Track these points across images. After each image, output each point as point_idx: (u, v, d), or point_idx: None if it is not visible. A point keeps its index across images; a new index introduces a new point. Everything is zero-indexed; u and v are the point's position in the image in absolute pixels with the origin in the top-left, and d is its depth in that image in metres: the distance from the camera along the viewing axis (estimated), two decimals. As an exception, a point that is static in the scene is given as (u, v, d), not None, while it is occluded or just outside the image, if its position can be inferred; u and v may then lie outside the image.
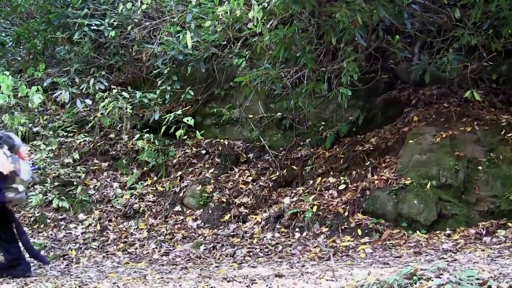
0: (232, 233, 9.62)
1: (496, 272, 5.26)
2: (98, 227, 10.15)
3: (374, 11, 8.72)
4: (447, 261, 6.99)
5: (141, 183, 11.15)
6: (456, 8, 8.86)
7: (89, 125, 12.11)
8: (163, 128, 10.84)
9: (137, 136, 11.38)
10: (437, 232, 8.72)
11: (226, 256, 8.75)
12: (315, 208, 9.48)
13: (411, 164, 9.51)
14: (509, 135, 9.60)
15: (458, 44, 9.43)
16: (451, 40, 9.70)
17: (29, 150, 11.18)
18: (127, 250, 9.43)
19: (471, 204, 9.02)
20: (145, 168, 11.43)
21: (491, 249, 7.71)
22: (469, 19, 9.05)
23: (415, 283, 4.57)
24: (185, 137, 11.15)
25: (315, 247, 8.68)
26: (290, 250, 8.68)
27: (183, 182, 10.94)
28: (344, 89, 9.45)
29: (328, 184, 10.14)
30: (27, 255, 7.70)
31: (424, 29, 10.38)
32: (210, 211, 10.23)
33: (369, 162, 10.23)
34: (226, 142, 11.53)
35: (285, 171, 10.81)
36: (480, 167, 9.27)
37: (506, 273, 5.12)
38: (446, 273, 4.72)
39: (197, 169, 11.17)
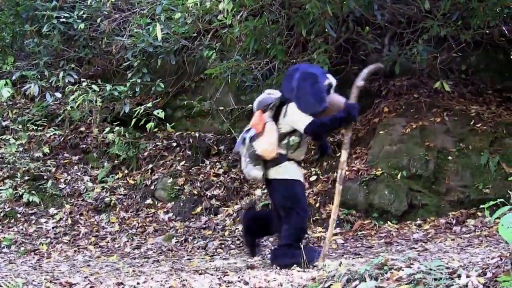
0: (204, 226, 9.62)
1: (466, 261, 5.30)
2: (69, 221, 10.09)
3: (344, 2, 8.73)
4: (418, 251, 7.05)
5: (112, 177, 11.09)
6: (425, -1, 8.92)
7: (59, 118, 12.00)
8: (134, 121, 10.77)
9: (107, 129, 11.30)
10: (408, 222, 8.78)
11: (198, 249, 8.75)
12: (286, 199, 9.49)
13: (382, 155, 9.56)
14: (478, 125, 9.68)
15: (428, 35, 9.48)
16: (420, 31, 9.76)
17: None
18: (98, 244, 9.39)
19: (441, 194, 9.09)
20: (116, 161, 11.36)
21: (461, 238, 7.79)
22: (438, 10, 9.10)
23: (386, 273, 4.59)
24: (155, 129, 11.10)
25: (287, 238, 8.70)
26: (262, 242, 8.70)
27: (154, 175, 10.91)
28: (314, 80, 9.46)
29: (299, 175, 10.15)
30: None
31: (394, 20, 10.42)
32: (181, 204, 10.21)
33: (340, 153, 10.24)
34: (197, 135, 11.49)
35: (256, 163, 10.79)
36: (450, 157, 9.34)
37: (475, 261, 5.16)
38: (416, 263, 4.75)
39: (168, 162, 11.14)
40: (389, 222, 8.78)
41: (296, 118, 6.63)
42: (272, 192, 7.06)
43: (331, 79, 6.86)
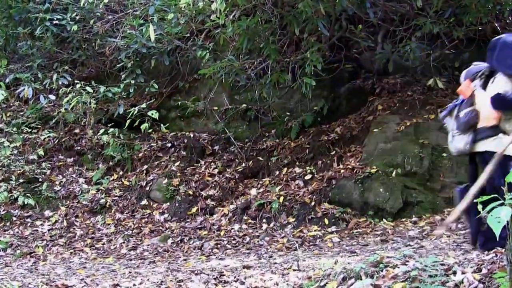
0: (200, 226, 9.61)
1: (461, 258, 5.32)
2: (65, 223, 10.08)
3: (337, 1, 8.74)
4: (414, 248, 7.05)
5: (107, 178, 11.08)
6: (417, -3, 8.93)
7: (53, 120, 12.00)
8: (128, 122, 10.75)
9: (101, 130, 11.28)
10: (403, 219, 8.78)
11: (194, 249, 8.75)
12: (281, 198, 9.50)
13: (376, 153, 9.56)
14: (472, 121, 9.68)
15: (421, 33, 9.51)
16: (413, 29, 9.78)
17: None
18: (94, 246, 9.38)
19: (436, 191, 9.11)
20: (110, 163, 11.36)
21: (456, 235, 7.78)
22: (431, 8, 9.13)
23: (382, 270, 4.60)
24: (150, 130, 11.09)
25: (282, 237, 8.71)
26: (258, 241, 8.70)
27: (149, 176, 10.90)
28: (308, 79, 9.47)
29: (294, 174, 10.16)
30: None
31: (386, 18, 10.44)
32: (176, 204, 10.21)
33: (334, 152, 10.27)
34: (192, 135, 11.50)
35: (251, 162, 10.81)
36: (444, 154, 9.34)
37: (471, 258, 5.17)
38: (412, 260, 4.76)
39: (163, 163, 11.14)
40: (384, 220, 8.78)
41: (495, 88, 6.21)
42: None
43: None
